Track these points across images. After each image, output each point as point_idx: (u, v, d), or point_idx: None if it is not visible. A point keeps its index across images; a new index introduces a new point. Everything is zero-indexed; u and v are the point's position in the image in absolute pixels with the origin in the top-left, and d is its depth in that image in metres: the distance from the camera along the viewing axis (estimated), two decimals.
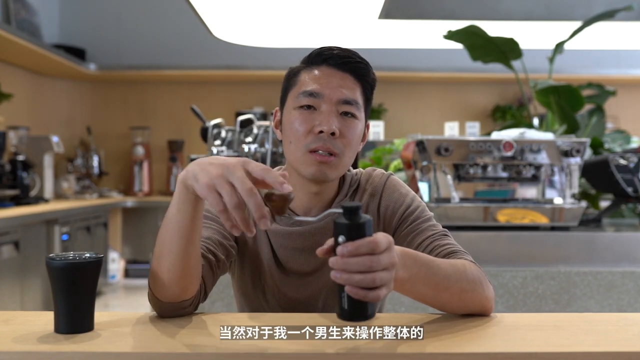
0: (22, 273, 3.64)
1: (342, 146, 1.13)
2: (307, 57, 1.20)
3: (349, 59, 1.17)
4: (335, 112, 1.14)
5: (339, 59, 1.16)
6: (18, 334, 0.92)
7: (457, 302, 1.02)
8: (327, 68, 1.16)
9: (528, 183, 2.47)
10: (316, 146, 1.12)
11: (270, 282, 1.22)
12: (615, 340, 0.93)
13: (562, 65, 4.85)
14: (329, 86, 1.14)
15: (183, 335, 0.94)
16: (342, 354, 0.85)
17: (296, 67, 1.21)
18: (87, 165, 5.54)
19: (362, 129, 1.20)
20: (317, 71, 1.16)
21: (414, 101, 6.14)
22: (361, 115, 1.18)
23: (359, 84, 1.18)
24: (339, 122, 1.13)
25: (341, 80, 1.15)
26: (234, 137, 2.68)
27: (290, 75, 1.21)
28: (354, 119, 1.16)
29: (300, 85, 1.17)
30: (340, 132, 1.13)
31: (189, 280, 1.01)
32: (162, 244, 0.99)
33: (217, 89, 5.98)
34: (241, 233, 1.21)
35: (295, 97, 1.16)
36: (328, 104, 1.14)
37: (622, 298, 2.26)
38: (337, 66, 1.16)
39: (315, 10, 4.84)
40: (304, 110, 1.14)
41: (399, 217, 1.19)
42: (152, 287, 1.02)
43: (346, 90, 1.15)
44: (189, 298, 1.03)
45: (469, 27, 3.31)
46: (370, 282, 0.79)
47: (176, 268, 0.98)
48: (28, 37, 4.36)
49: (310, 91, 1.14)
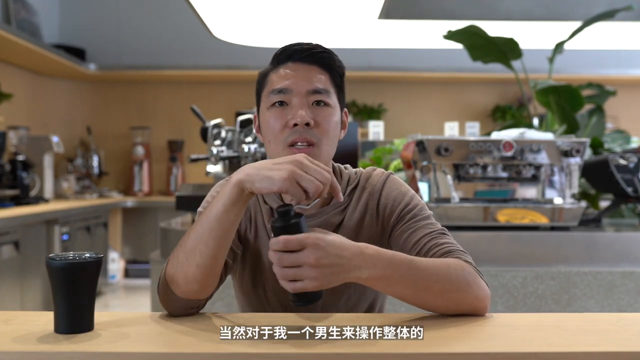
0: (22, 273, 3.65)
1: (320, 134, 1.15)
2: (273, 58, 1.22)
3: (312, 50, 1.19)
4: (307, 104, 1.16)
5: (302, 53, 1.18)
6: (18, 334, 0.92)
7: (440, 302, 1.03)
8: (292, 64, 1.18)
9: (528, 183, 2.47)
10: (293, 139, 1.14)
11: (271, 280, 1.22)
12: (615, 340, 0.93)
13: (562, 65, 4.85)
14: (296, 80, 1.16)
15: (183, 335, 0.94)
16: (342, 354, 0.85)
17: (264, 70, 1.24)
18: (87, 165, 5.54)
19: (339, 117, 1.21)
20: (284, 69, 1.19)
21: (414, 101, 6.14)
22: (334, 103, 1.19)
23: (326, 73, 1.19)
24: (312, 112, 1.15)
25: (308, 72, 1.17)
26: (234, 137, 2.68)
27: (260, 78, 1.24)
28: (327, 107, 1.17)
29: (270, 85, 1.19)
30: (315, 121, 1.14)
31: (213, 279, 1.04)
32: (197, 240, 1.01)
33: (217, 89, 5.99)
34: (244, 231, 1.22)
35: (266, 98, 1.19)
36: (298, 97, 1.15)
37: (622, 298, 2.26)
38: (302, 60, 1.18)
39: (315, 10, 4.84)
40: (276, 108, 1.16)
41: (397, 215, 1.19)
42: (170, 282, 1.03)
43: (313, 80, 1.17)
44: (204, 298, 1.05)
45: (469, 27, 3.31)
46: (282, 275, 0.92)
47: (207, 265, 1.01)
48: (28, 37, 4.36)
49: (280, 88, 1.16)
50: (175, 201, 2.57)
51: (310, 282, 0.92)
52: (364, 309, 1.24)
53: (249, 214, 1.23)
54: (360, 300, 1.23)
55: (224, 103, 5.89)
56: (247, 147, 2.56)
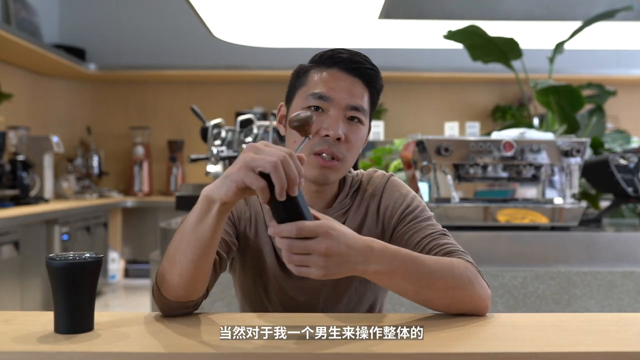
0: (22, 273, 3.64)
1: (346, 151, 1.14)
2: (319, 57, 1.19)
3: (360, 64, 1.17)
4: (343, 117, 1.14)
5: (350, 64, 1.16)
6: (18, 334, 0.92)
7: (443, 299, 1.02)
8: (337, 71, 1.16)
9: (528, 183, 2.47)
10: (320, 149, 1.13)
11: (273, 280, 1.22)
12: (615, 340, 0.93)
13: (562, 65, 4.85)
14: (338, 90, 1.14)
15: (183, 335, 0.94)
16: (342, 354, 0.85)
17: (306, 66, 1.21)
18: (87, 165, 5.54)
19: (366, 134, 1.21)
20: (328, 73, 1.16)
21: (414, 101, 6.14)
22: (366, 121, 1.19)
23: (367, 90, 1.18)
24: (345, 127, 1.14)
25: (351, 85, 1.16)
26: (234, 137, 2.68)
27: (300, 73, 1.21)
28: (360, 125, 1.17)
29: (310, 85, 1.17)
30: (345, 137, 1.14)
31: (199, 285, 1.02)
32: (176, 249, 1.00)
33: (217, 89, 5.99)
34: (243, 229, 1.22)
35: (304, 97, 1.17)
36: (336, 109, 1.14)
37: (622, 298, 2.26)
38: (348, 70, 1.16)
39: (316, 10, 4.84)
40: (311, 112, 1.14)
41: (399, 216, 1.19)
42: (160, 286, 1.03)
43: (355, 96, 1.15)
44: (195, 299, 1.04)
45: (469, 27, 3.31)
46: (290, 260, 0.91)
47: (188, 274, 0.99)
48: (28, 37, 4.36)
49: (320, 94, 1.15)
50: (175, 201, 2.57)
51: (317, 271, 0.91)
52: (364, 310, 1.24)
53: (249, 213, 1.23)
54: (361, 302, 1.23)
55: (224, 103, 5.89)
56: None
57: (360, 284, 1.22)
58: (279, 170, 0.86)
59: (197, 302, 1.06)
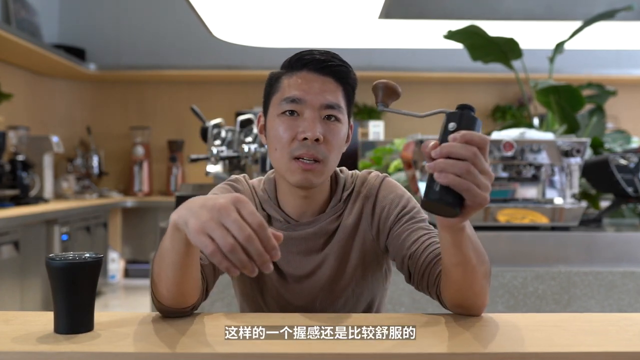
0: (22, 273, 3.64)
1: (327, 151, 1.13)
2: (287, 61, 1.19)
3: (329, 62, 1.16)
4: (319, 118, 1.14)
5: (319, 63, 1.16)
6: (18, 334, 0.92)
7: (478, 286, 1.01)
8: (307, 73, 1.16)
9: (528, 183, 2.47)
10: (300, 153, 1.12)
11: (270, 284, 1.22)
12: (615, 340, 0.93)
13: (562, 65, 4.85)
14: (311, 92, 1.14)
15: (183, 335, 0.94)
16: (342, 353, 0.85)
17: (277, 72, 1.21)
18: (87, 165, 5.54)
19: (346, 132, 1.19)
20: (298, 76, 1.16)
21: (414, 101, 6.14)
22: (344, 118, 1.18)
23: (340, 87, 1.17)
24: (323, 127, 1.13)
25: (323, 84, 1.15)
26: (234, 137, 2.68)
27: (272, 80, 1.21)
28: (338, 123, 1.16)
29: (282, 91, 1.16)
30: (324, 137, 1.13)
31: (188, 296, 1.02)
32: (159, 267, 0.99)
33: (217, 89, 5.99)
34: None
35: (277, 104, 1.16)
36: (311, 110, 1.13)
37: (622, 298, 2.26)
38: (318, 70, 1.16)
39: (315, 10, 4.84)
40: (287, 117, 1.14)
41: (395, 217, 1.19)
42: (154, 292, 1.03)
43: (328, 94, 1.14)
44: (190, 305, 1.04)
45: (469, 27, 3.31)
46: (466, 172, 0.83)
47: (175, 289, 0.99)
48: (28, 37, 4.36)
49: (293, 97, 1.14)
50: (175, 201, 2.57)
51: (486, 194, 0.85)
52: (361, 311, 1.24)
53: None
54: (358, 303, 1.23)
55: (224, 103, 5.89)
56: (247, 147, 2.56)
57: (356, 285, 1.22)
58: (236, 253, 0.78)
59: (193, 305, 1.05)
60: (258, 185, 1.27)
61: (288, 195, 1.20)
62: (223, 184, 1.28)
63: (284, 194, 1.22)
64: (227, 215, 0.80)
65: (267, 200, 1.24)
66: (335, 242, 1.20)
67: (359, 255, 1.21)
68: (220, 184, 1.28)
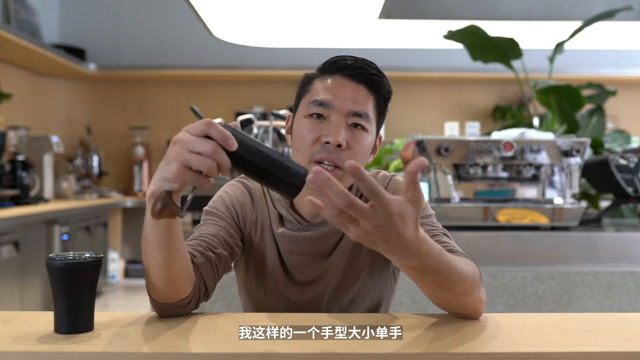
0: (22, 273, 3.64)
1: (348, 158, 1.11)
2: (322, 64, 1.18)
3: (363, 70, 1.15)
4: (345, 124, 1.12)
5: (353, 70, 1.15)
6: (18, 334, 0.92)
7: (455, 301, 1.00)
8: (340, 78, 1.15)
9: (528, 183, 2.47)
10: (321, 157, 1.11)
11: (273, 285, 1.22)
12: (615, 340, 0.93)
13: (562, 65, 4.85)
14: (340, 97, 1.13)
15: (183, 335, 0.94)
16: (342, 353, 0.85)
17: (311, 74, 1.20)
18: (87, 165, 5.54)
19: (372, 142, 1.18)
20: (331, 80, 1.15)
21: (414, 101, 6.14)
22: (372, 128, 1.16)
23: (372, 96, 1.16)
24: (347, 133, 1.12)
25: (354, 91, 1.14)
26: None
27: (305, 82, 1.20)
28: (363, 131, 1.14)
29: (313, 93, 1.16)
30: (347, 144, 1.11)
31: (180, 284, 1.01)
32: (146, 253, 0.98)
33: (217, 89, 5.98)
34: (248, 232, 1.21)
35: (306, 105, 1.16)
36: (338, 115, 1.12)
37: (622, 298, 2.26)
38: (351, 77, 1.15)
39: (315, 10, 4.84)
40: (313, 119, 1.13)
41: None
42: (148, 290, 1.03)
43: (358, 102, 1.13)
44: (185, 297, 1.03)
45: (469, 27, 3.31)
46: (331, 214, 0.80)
47: (163, 276, 0.98)
48: (28, 37, 4.36)
49: (321, 100, 1.13)
50: None
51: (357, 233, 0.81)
52: (367, 310, 1.24)
53: (255, 217, 1.23)
54: (364, 303, 1.23)
55: (224, 103, 5.89)
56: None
57: (363, 285, 1.21)
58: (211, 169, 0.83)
59: (189, 300, 1.04)
60: None
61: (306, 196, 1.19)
62: (235, 181, 1.28)
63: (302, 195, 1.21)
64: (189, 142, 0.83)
65: (279, 200, 1.23)
66: (345, 243, 1.20)
67: (368, 255, 1.21)
68: (231, 181, 1.28)
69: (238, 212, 1.22)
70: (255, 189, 1.26)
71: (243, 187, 1.26)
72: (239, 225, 1.21)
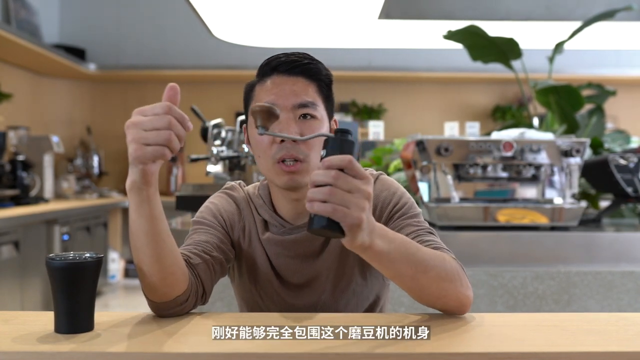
0: (22, 273, 3.64)
1: (307, 150, 1.13)
2: (258, 69, 1.20)
3: (296, 62, 1.16)
4: (293, 118, 1.14)
5: (286, 65, 1.16)
6: (18, 334, 0.92)
7: (434, 289, 1.00)
8: (277, 76, 1.16)
9: (528, 183, 2.47)
10: (281, 155, 1.13)
11: (270, 289, 1.22)
12: (615, 340, 0.93)
13: (562, 65, 4.85)
14: (281, 94, 1.14)
15: (182, 335, 0.94)
16: (342, 354, 0.85)
17: (251, 83, 1.22)
18: (87, 165, 5.54)
19: (327, 128, 1.19)
20: (269, 82, 1.17)
21: (414, 101, 6.14)
22: (322, 114, 1.17)
23: (312, 84, 1.17)
24: (299, 126, 1.14)
25: (293, 85, 1.15)
26: (234, 137, 2.68)
27: (247, 91, 1.22)
28: (313, 120, 1.15)
29: (256, 99, 1.18)
30: (301, 136, 1.12)
31: (173, 279, 1.01)
32: (135, 249, 0.99)
33: (217, 89, 5.99)
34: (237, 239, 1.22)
35: None
36: (285, 112, 1.14)
37: (622, 298, 2.26)
38: (287, 72, 1.16)
39: (315, 10, 4.84)
40: None
41: (388, 214, 1.18)
42: (143, 290, 1.03)
43: (299, 93, 1.15)
44: (181, 294, 1.03)
45: (469, 27, 3.31)
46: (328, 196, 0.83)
47: (155, 270, 0.99)
48: (28, 37, 4.36)
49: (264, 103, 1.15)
50: (175, 201, 2.57)
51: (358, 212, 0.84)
52: (364, 310, 1.24)
53: (242, 224, 1.24)
54: (359, 303, 1.23)
55: (224, 103, 5.89)
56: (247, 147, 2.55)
57: (357, 284, 1.21)
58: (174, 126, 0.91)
59: (186, 297, 1.04)
60: (253, 192, 1.28)
61: (281, 199, 1.21)
62: (219, 193, 1.30)
63: (277, 198, 1.23)
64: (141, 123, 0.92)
65: (262, 206, 1.24)
66: (333, 244, 1.20)
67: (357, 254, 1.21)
68: (217, 192, 1.30)
69: (226, 220, 1.23)
70: (240, 198, 1.27)
71: (228, 197, 1.27)
72: (228, 233, 1.23)
